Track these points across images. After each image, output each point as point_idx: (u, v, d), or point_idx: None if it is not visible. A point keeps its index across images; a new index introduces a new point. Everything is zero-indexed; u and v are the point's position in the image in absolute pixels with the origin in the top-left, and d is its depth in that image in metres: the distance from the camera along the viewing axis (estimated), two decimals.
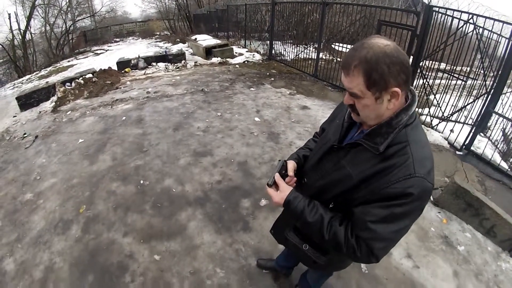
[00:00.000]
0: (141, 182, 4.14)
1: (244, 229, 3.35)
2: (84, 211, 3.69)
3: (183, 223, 3.43)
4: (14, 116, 7.25)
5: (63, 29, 24.42)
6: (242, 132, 5.42)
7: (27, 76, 14.69)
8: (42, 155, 5.06)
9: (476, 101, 5.31)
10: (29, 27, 22.18)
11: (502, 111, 5.22)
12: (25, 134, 5.94)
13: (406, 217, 1.19)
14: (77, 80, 8.45)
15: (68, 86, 8.17)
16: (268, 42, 11.66)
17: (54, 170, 4.59)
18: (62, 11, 24.49)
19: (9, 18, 20.78)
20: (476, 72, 5.56)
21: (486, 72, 5.18)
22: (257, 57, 11.82)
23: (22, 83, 12.69)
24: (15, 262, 3.12)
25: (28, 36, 22.33)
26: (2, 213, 3.84)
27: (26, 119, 6.87)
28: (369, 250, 1.23)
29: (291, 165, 1.63)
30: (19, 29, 21.49)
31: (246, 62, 11.21)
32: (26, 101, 7.60)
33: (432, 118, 5.97)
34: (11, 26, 20.97)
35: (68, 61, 16.87)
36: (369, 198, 1.21)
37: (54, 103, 7.37)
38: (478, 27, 5.03)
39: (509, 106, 5.53)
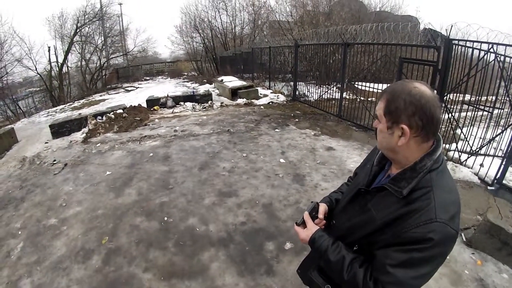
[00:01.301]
0: (165, 219, 4.12)
1: (268, 272, 3.25)
2: (106, 242, 3.67)
3: (205, 263, 3.35)
4: (46, 143, 7.51)
5: (97, 65, 25.81)
6: (267, 173, 5.40)
7: (61, 106, 15.35)
8: (69, 183, 5.15)
9: (505, 131, 5.17)
10: (66, 61, 23.54)
11: None
12: (55, 160, 6.11)
13: (427, 263, 1.15)
14: (108, 114, 8.75)
15: (99, 119, 8.45)
16: (291, 83, 11.92)
17: (80, 199, 4.65)
18: (97, 49, 26.00)
19: (49, 51, 22.19)
20: (502, 101, 5.47)
21: None
22: (281, 98, 12.02)
23: (56, 112, 13.25)
24: (32, 284, 3.11)
25: (64, 69, 23.65)
26: (25, 234, 3.88)
27: (57, 146, 7.09)
28: None
29: (322, 208, 1.65)
30: (57, 61, 22.87)
31: (270, 103, 11.39)
32: (59, 130, 7.91)
33: (460, 153, 5.77)
34: (50, 58, 22.33)
35: (100, 95, 17.56)
36: (391, 241, 1.18)
37: (85, 134, 7.61)
38: (500, 55, 5.02)
39: None
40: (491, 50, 5.06)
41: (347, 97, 9.26)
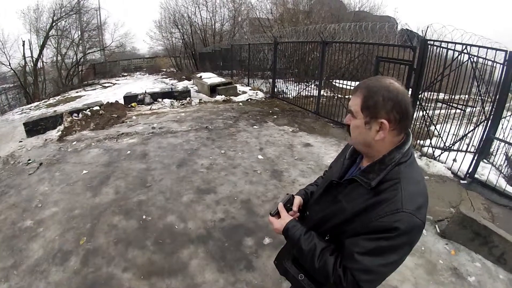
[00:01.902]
0: (144, 217, 4.11)
1: (247, 268, 3.30)
2: (84, 243, 3.64)
3: (185, 261, 3.38)
4: (20, 141, 7.34)
5: (73, 60, 25.20)
6: (246, 170, 5.45)
7: (36, 103, 14.96)
8: (45, 183, 5.07)
9: (477, 128, 5.38)
10: (41, 56, 22.92)
11: (503, 136, 5.29)
12: (29, 160, 5.98)
13: (393, 252, 1.19)
14: (84, 111, 8.62)
15: (75, 116, 8.31)
16: (270, 80, 12.02)
17: (56, 199, 4.58)
18: (74, 43, 25.34)
19: (23, 45, 21.54)
20: (475, 99, 5.70)
21: (484, 98, 5.30)
22: (260, 95, 12.09)
23: (30, 109, 12.92)
24: None
25: (39, 64, 23.01)
26: (0, 237, 3.80)
27: (31, 145, 6.95)
28: (355, 281, 1.22)
29: (297, 200, 1.70)
30: (32, 56, 22.21)
31: (249, 100, 11.45)
32: (33, 128, 7.73)
33: (434, 149, 5.99)
34: (24, 53, 21.68)
35: (77, 92, 17.20)
36: (359, 230, 1.23)
37: (60, 132, 7.47)
38: (473, 56, 5.21)
39: (511, 129, 5.59)
40: (465, 51, 5.25)
41: (325, 94, 9.46)
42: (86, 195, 4.65)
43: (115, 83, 19.57)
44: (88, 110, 8.77)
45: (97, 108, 9.01)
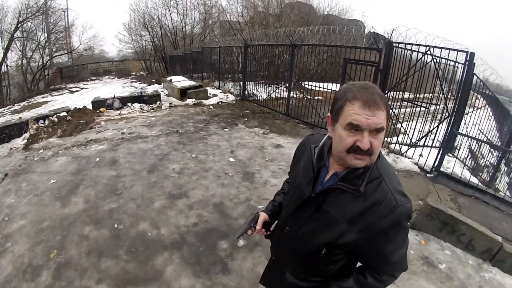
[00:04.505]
0: (115, 226, 4.07)
1: (223, 271, 3.34)
2: (55, 256, 3.57)
3: (160, 268, 3.38)
4: None
5: (39, 64, 24.33)
6: (217, 173, 5.48)
7: (0, 109, 14.38)
8: (11, 195, 4.90)
9: (441, 124, 5.64)
10: (5, 59, 22.02)
11: (466, 131, 5.57)
12: None
13: (406, 236, 1.35)
14: (51, 118, 8.40)
15: (41, 123, 8.09)
16: (241, 83, 12.06)
17: (23, 212, 4.45)
18: (40, 46, 24.47)
19: None
20: (438, 98, 5.97)
21: (447, 96, 5.57)
22: (231, 98, 12.17)
23: None
24: None
25: (3, 68, 22.08)
26: None
27: None
28: (394, 276, 1.45)
29: (261, 218, 1.74)
30: None
31: (220, 103, 11.49)
32: None
33: (400, 145, 6.26)
34: None
35: (43, 97, 16.66)
36: (366, 237, 1.28)
37: (26, 140, 7.24)
38: (436, 57, 5.47)
39: (473, 124, 5.89)
40: (428, 52, 5.48)
41: (295, 96, 9.66)
42: (54, 206, 4.55)
43: (83, 88, 19.05)
44: (55, 116, 8.54)
45: (64, 114, 8.79)
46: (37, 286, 3.17)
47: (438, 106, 6.04)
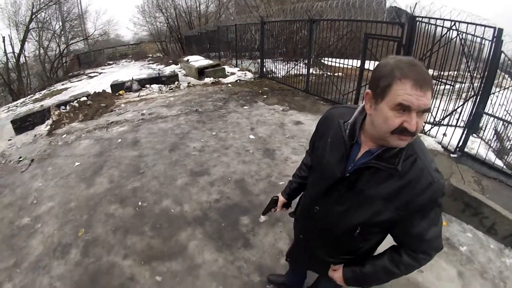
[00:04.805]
0: (139, 203, 4.14)
1: (245, 246, 3.36)
2: (82, 234, 3.67)
3: (183, 243, 3.43)
4: (9, 140, 7.25)
5: (56, 52, 24.69)
6: (238, 150, 5.46)
7: (22, 100, 14.76)
8: (38, 179, 5.05)
9: (466, 103, 5.42)
10: (23, 50, 22.47)
11: (492, 111, 5.35)
12: (20, 157, 5.94)
13: (441, 214, 1.34)
14: (71, 103, 8.51)
15: (63, 109, 8.21)
16: (259, 60, 11.88)
17: (51, 194, 4.58)
18: (55, 35, 24.80)
19: (3, 41, 21.06)
20: (464, 76, 5.72)
21: (473, 74, 5.33)
22: (249, 75, 11.98)
23: (17, 106, 12.75)
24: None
25: (22, 59, 22.60)
26: (0, 238, 3.81)
27: (21, 142, 6.88)
28: (430, 255, 1.41)
29: (281, 201, 2.00)
30: (13, 52, 21.76)
31: (238, 81, 11.35)
32: (21, 125, 7.64)
33: (424, 124, 6.03)
34: (5, 49, 21.29)
35: (62, 84, 16.95)
36: (402, 215, 1.28)
37: (49, 127, 7.40)
38: (461, 33, 5.21)
39: (499, 105, 5.66)
40: (454, 27, 5.21)
41: (314, 72, 9.41)
42: (80, 187, 4.65)
43: (101, 72, 19.27)
44: (76, 101, 8.65)
45: (85, 99, 8.89)
46: (67, 263, 3.28)
47: (463, 85, 5.79)
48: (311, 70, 9.04)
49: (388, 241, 1.49)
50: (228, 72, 12.50)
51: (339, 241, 1.52)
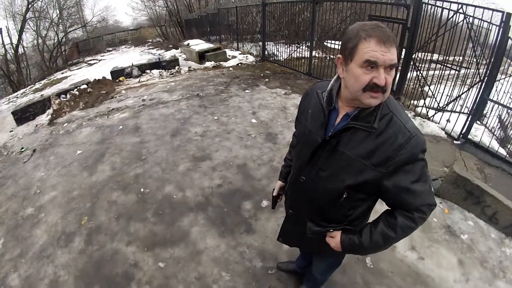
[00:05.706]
0: (142, 190, 4.14)
1: (247, 231, 3.36)
2: (86, 222, 3.68)
3: (186, 229, 3.43)
4: (10, 131, 7.25)
5: (55, 41, 24.50)
6: (240, 134, 5.42)
7: (22, 90, 14.68)
8: (41, 169, 5.05)
9: (471, 89, 5.33)
10: (21, 41, 22.26)
11: (497, 98, 5.25)
12: (22, 148, 5.94)
13: (426, 170, 1.34)
14: (72, 91, 8.45)
15: (63, 98, 8.16)
16: (260, 43, 11.70)
17: (53, 183, 4.58)
18: (53, 23, 24.57)
19: (1, 32, 20.76)
20: (469, 61, 5.60)
21: (478, 60, 5.21)
22: (251, 59, 11.83)
23: (17, 97, 12.69)
24: (20, 278, 3.11)
25: (20, 50, 22.42)
26: (4, 229, 3.82)
27: (22, 133, 6.88)
28: (424, 212, 1.38)
29: (278, 185, 2.15)
30: (11, 43, 21.62)
31: (239, 64, 11.22)
32: (22, 115, 7.62)
33: (428, 109, 5.96)
34: (3, 41, 21.14)
35: (62, 73, 16.82)
36: (385, 172, 1.29)
37: (50, 116, 7.37)
38: (468, 16, 5.06)
39: (504, 92, 5.56)
40: (460, 10, 5.06)
41: (317, 55, 9.22)
42: (83, 175, 4.65)
43: (101, 59, 19.08)
44: (76, 89, 8.59)
45: (85, 86, 8.83)
46: (70, 252, 3.30)
47: (468, 70, 5.66)
48: (313, 53, 8.85)
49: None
50: (229, 56, 12.35)
51: (327, 210, 1.55)
